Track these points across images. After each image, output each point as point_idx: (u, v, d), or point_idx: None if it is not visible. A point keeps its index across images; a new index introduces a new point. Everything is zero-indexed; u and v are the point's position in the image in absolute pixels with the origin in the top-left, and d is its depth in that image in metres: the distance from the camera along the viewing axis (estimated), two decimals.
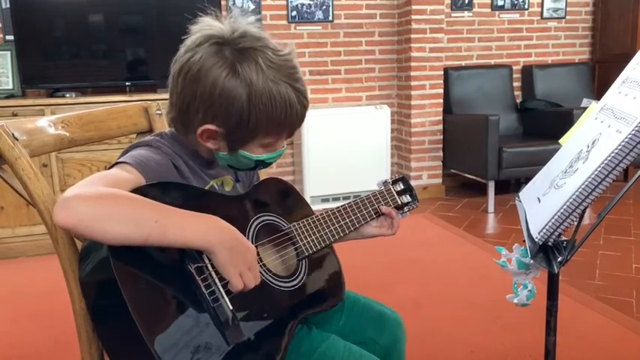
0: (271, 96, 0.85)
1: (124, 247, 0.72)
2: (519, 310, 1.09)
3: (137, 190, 0.78)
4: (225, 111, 0.85)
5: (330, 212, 1.06)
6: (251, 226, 0.93)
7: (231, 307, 0.79)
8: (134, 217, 0.73)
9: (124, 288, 0.70)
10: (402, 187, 1.18)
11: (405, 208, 1.16)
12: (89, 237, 0.73)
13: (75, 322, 0.83)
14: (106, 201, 0.73)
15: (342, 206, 1.08)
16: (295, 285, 0.94)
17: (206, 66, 0.84)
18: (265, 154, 0.92)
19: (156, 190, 0.81)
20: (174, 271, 0.77)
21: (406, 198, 1.17)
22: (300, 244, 0.98)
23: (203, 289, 0.78)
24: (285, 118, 0.87)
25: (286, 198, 1.06)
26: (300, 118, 0.90)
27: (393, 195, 1.15)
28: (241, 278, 0.79)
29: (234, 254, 0.78)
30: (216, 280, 0.79)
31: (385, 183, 1.17)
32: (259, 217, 0.96)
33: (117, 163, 0.86)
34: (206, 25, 0.87)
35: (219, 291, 0.79)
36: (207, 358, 0.74)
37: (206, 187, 0.95)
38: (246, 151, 0.90)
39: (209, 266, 0.79)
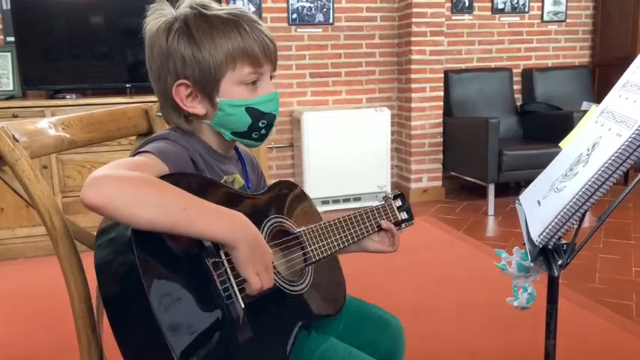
0: (211, 20, 0.88)
1: (147, 235, 0.71)
2: (519, 313, 1.09)
3: (162, 178, 0.77)
4: (180, 53, 0.88)
5: (336, 220, 1.07)
6: (264, 226, 0.93)
7: (243, 306, 0.80)
8: (163, 203, 0.72)
9: (144, 275, 0.69)
10: (401, 203, 1.20)
11: (403, 225, 1.20)
12: (116, 218, 0.71)
13: (74, 324, 0.83)
14: (137, 184, 0.72)
15: (347, 216, 1.09)
16: (302, 289, 0.95)
17: (152, 29, 0.92)
18: (254, 97, 0.90)
19: (179, 179, 0.80)
20: (192, 264, 0.77)
21: (404, 215, 1.19)
22: (309, 249, 0.99)
23: (218, 285, 0.78)
24: (236, 38, 0.87)
25: (297, 201, 1.06)
26: (254, 38, 0.88)
27: (394, 210, 1.18)
28: (258, 278, 0.79)
29: (255, 253, 0.78)
30: (231, 277, 0.80)
31: (387, 198, 1.19)
32: (272, 218, 0.96)
33: (138, 153, 0.85)
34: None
35: (233, 288, 0.79)
36: (215, 352, 0.74)
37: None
38: (227, 97, 0.89)
39: (225, 262, 0.79)
